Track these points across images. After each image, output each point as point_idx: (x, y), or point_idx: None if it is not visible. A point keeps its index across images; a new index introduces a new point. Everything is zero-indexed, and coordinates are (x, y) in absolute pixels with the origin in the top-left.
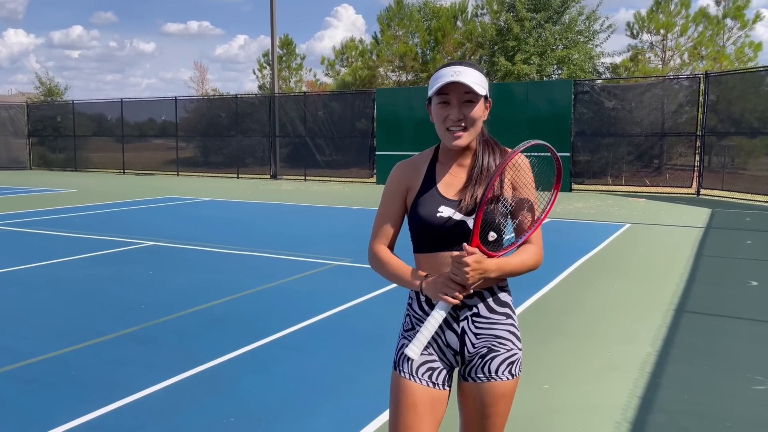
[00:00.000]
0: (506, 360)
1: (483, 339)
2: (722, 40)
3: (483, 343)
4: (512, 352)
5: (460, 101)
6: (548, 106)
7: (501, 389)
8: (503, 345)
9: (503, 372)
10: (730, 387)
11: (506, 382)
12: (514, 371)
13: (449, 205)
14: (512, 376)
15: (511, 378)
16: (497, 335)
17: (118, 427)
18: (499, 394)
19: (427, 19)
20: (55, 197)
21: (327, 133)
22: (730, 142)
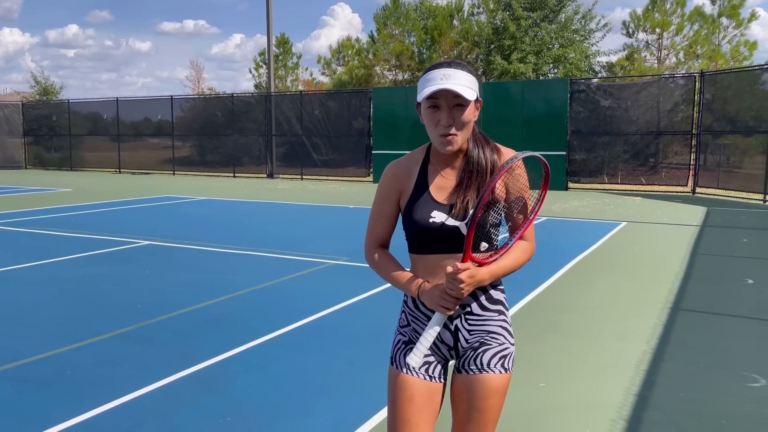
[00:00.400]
0: (498, 353)
1: (476, 334)
2: (717, 39)
3: (476, 338)
4: (504, 346)
5: (450, 105)
6: (544, 105)
7: (493, 382)
8: (495, 339)
9: (495, 365)
10: (726, 385)
11: (498, 376)
12: (506, 365)
13: (442, 210)
14: (504, 370)
15: (504, 372)
16: (489, 330)
17: (114, 427)
18: (493, 387)
19: (423, 18)
20: (50, 196)
21: (323, 132)
22: (725, 141)
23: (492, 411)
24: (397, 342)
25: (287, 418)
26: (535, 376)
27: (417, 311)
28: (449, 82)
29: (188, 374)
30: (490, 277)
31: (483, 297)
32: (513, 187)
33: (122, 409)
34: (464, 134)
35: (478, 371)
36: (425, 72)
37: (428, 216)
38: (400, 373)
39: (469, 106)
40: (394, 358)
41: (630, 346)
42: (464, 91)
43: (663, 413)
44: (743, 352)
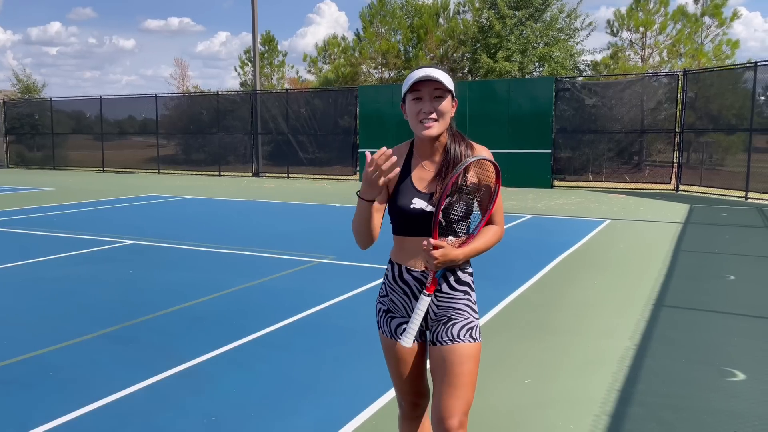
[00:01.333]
0: (465, 326)
1: (442, 309)
2: (700, 38)
3: (443, 312)
4: (469, 320)
5: (431, 96)
6: (530, 104)
7: (465, 350)
8: (461, 314)
9: (464, 335)
10: (707, 380)
11: (468, 344)
12: (474, 335)
13: (422, 197)
14: (473, 339)
15: (472, 341)
16: (455, 307)
17: (98, 428)
18: (464, 355)
19: (409, 17)
20: (33, 196)
21: (310, 130)
22: (708, 139)
23: (468, 375)
24: (378, 310)
25: (273, 417)
26: (520, 372)
27: (395, 284)
28: (431, 74)
29: (173, 374)
30: (464, 257)
31: (452, 278)
32: (483, 179)
33: (106, 409)
34: (442, 123)
35: (450, 342)
36: (409, 74)
37: (409, 202)
38: (388, 339)
39: (447, 98)
40: (379, 324)
41: (614, 342)
42: (444, 81)
43: (646, 408)
44: (724, 347)
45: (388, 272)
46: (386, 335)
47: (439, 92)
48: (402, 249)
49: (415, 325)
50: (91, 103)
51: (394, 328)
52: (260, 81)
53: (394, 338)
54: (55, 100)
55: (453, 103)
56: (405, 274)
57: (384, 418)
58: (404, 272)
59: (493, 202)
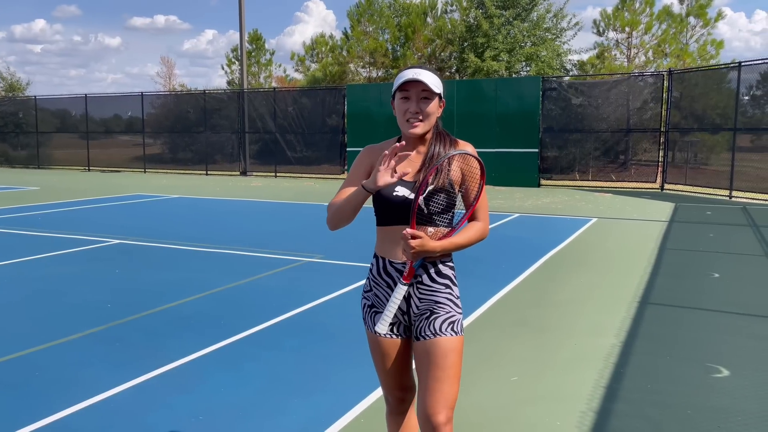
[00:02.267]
0: (447, 320)
1: (425, 303)
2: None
3: (425, 306)
4: (451, 314)
5: (419, 97)
6: (517, 103)
7: (447, 344)
8: (442, 308)
9: (446, 329)
10: (692, 376)
11: (450, 338)
12: (456, 329)
13: (405, 186)
14: (455, 333)
15: (454, 335)
16: (436, 300)
17: (84, 428)
18: (447, 348)
19: (397, 16)
20: (17, 195)
21: (297, 129)
22: (692, 138)
23: (452, 368)
24: (363, 306)
25: (261, 416)
26: (507, 370)
27: (379, 278)
28: (419, 76)
29: (160, 374)
30: (441, 250)
31: (432, 270)
32: (468, 174)
33: (92, 409)
34: (428, 123)
35: (432, 336)
36: (400, 72)
37: (392, 190)
38: (373, 334)
39: (434, 100)
40: (364, 320)
41: (600, 340)
42: (431, 85)
43: (631, 405)
44: (708, 344)
45: (372, 267)
46: (371, 330)
47: (426, 93)
48: (384, 240)
49: (390, 312)
50: (77, 101)
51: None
52: (247, 79)
53: (380, 335)
54: (39, 99)
55: (440, 103)
56: (388, 266)
57: (372, 416)
58: (387, 265)
59: (477, 198)
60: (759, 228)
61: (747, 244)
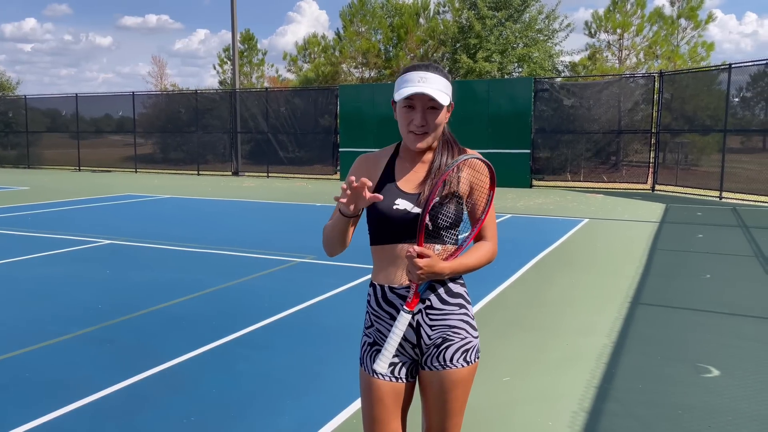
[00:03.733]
0: (460, 348)
1: (437, 330)
2: (676, 40)
3: (438, 333)
4: (466, 340)
5: (424, 107)
6: (509, 104)
7: (457, 376)
8: (457, 334)
9: (458, 360)
10: (682, 376)
11: (461, 369)
12: (469, 359)
13: (407, 198)
14: (467, 363)
15: (466, 365)
16: (451, 325)
17: (75, 429)
18: (456, 381)
19: (389, 16)
20: (6, 195)
21: (290, 129)
22: (683, 140)
23: (457, 401)
24: (363, 344)
25: (253, 417)
26: (499, 370)
27: (380, 310)
28: (425, 85)
29: (151, 375)
30: (450, 272)
31: (442, 290)
32: (477, 186)
33: (83, 410)
34: (435, 135)
35: (441, 367)
36: (403, 72)
37: (392, 203)
38: (369, 376)
39: (442, 110)
40: (362, 360)
41: (591, 340)
42: (439, 96)
43: (622, 404)
44: (699, 344)
45: (370, 298)
46: (367, 371)
47: (433, 103)
48: (382, 261)
49: (390, 347)
50: (67, 100)
51: None
52: (239, 79)
53: (377, 376)
54: (29, 98)
55: (449, 109)
56: (389, 294)
57: None
58: (387, 293)
59: (486, 211)
60: (749, 229)
61: (737, 245)
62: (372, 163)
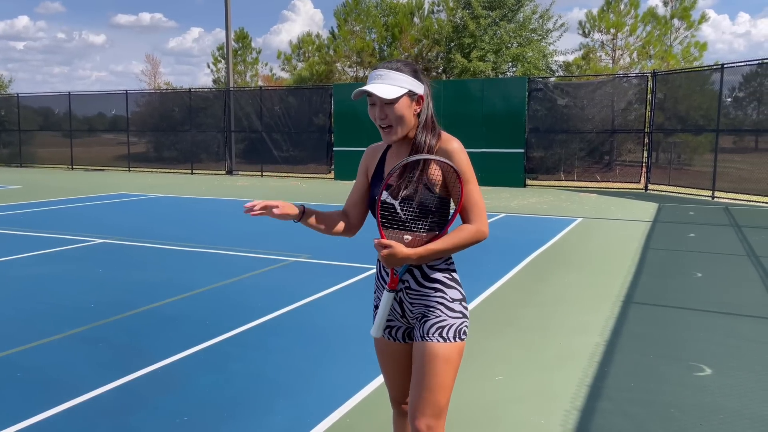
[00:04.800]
0: (435, 324)
1: (416, 307)
2: (669, 40)
3: (417, 310)
4: (440, 318)
5: (381, 102)
6: (503, 103)
7: (433, 349)
8: (433, 312)
9: (433, 334)
10: (675, 375)
11: (438, 344)
12: (444, 335)
13: (386, 188)
14: (443, 339)
15: (442, 341)
16: (427, 304)
17: (67, 429)
18: (432, 354)
19: (384, 15)
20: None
21: (284, 128)
22: (676, 139)
23: (437, 376)
24: (374, 307)
25: (246, 416)
26: (492, 369)
27: (379, 280)
28: (374, 83)
29: (144, 374)
30: (417, 257)
31: (417, 273)
32: (448, 177)
33: (75, 410)
34: (402, 126)
35: (420, 339)
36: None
37: (375, 193)
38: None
39: (400, 102)
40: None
41: (584, 339)
42: (380, 90)
43: (615, 403)
44: (691, 342)
45: (376, 268)
46: None
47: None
48: None
49: (380, 318)
50: (60, 99)
51: None
52: (233, 78)
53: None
54: (22, 96)
55: (414, 99)
56: (383, 270)
57: (358, 416)
58: (382, 268)
59: (457, 202)
60: (741, 228)
61: (729, 244)
62: (373, 152)
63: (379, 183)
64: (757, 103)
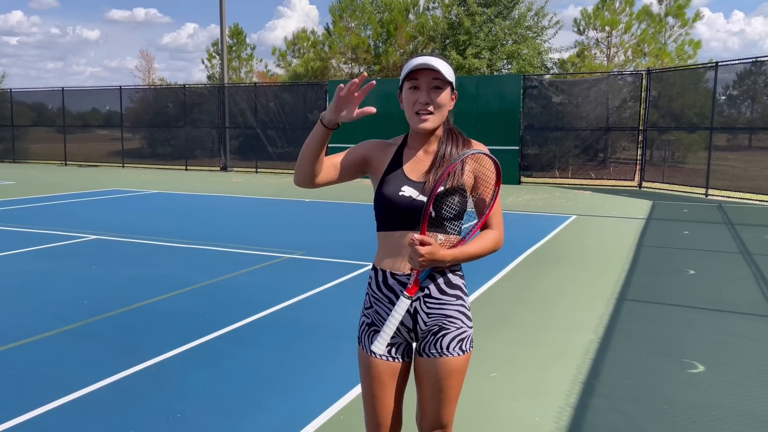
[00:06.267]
0: (456, 337)
1: (434, 318)
2: (664, 38)
3: (434, 321)
4: (461, 330)
5: (429, 86)
6: (498, 100)
7: (452, 364)
8: (453, 323)
9: (454, 348)
10: (667, 371)
11: (457, 358)
12: (464, 347)
13: (413, 186)
14: (462, 352)
15: (462, 354)
16: (447, 314)
17: (60, 426)
18: (451, 369)
19: (379, 12)
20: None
21: (278, 124)
22: (670, 137)
23: (453, 389)
24: (362, 324)
25: (240, 413)
26: (487, 365)
27: (380, 294)
28: (430, 62)
29: (137, 371)
30: (452, 260)
31: (441, 280)
32: (481, 179)
33: (68, 407)
34: (439, 116)
35: (438, 355)
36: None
37: (398, 190)
38: (367, 355)
39: (446, 90)
40: (360, 339)
41: (578, 336)
42: (443, 69)
43: (608, 400)
44: (684, 339)
45: (371, 281)
46: (365, 350)
47: (437, 83)
48: (386, 248)
49: (389, 329)
50: (53, 94)
51: None
52: (228, 74)
53: (375, 355)
54: (15, 92)
55: (453, 95)
56: (390, 279)
57: (352, 413)
58: (389, 278)
59: (491, 205)
60: (734, 226)
61: (722, 242)
62: (380, 146)
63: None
64: (751, 102)
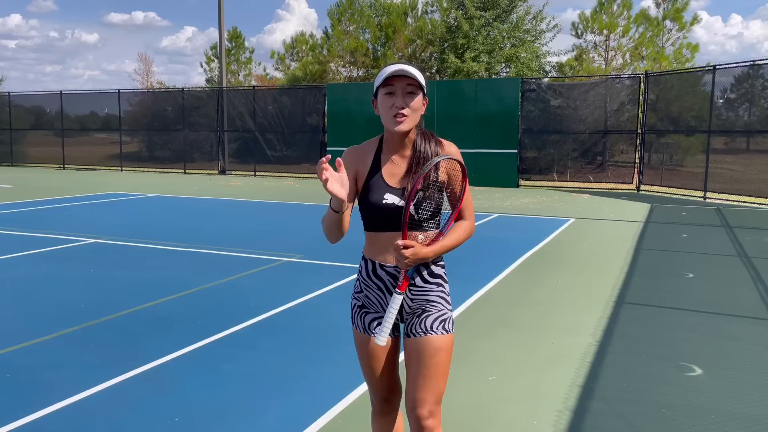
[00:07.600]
0: (438, 318)
1: (417, 302)
2: (662, 41)
3: (417, 305)
4: (442, 312)
5: (404, 92)
6: (496, 104)
7: (438, 342)
8: (434, 306)
9: (437, 327)
10: (666, 375)
11: (441, 336)
12: (446, 327)
13: (394, 192)
14: (446, 331)
15: (445, 333)
16: (429, 299)
17: (57, 430)
18: (437, 346)
19: (377, 15)
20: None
21: (277, 128)
22: (668, 140)
23: (440, 366)
24: (353, 306)
25: (238, 417)
26: (485, 369)
27: (369, 281)
28: (404, 69)
29: (135, 375)
30: (434, 255)
31: (425, 272)
32: (453, 176)
33: (66, 411)
34: (413, 119)
35: (423, 333)
36: (381, 69)
37: (382, 198)
38: (361, 334)
39: (419, 95)
40: (353, 320)
41: (577, 339)
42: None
43: (606, 403)
44: (682, 343)
45: (361, 268)
46: (360, 330)
47: (411, 88)
48: (374, 245)
49: (388, 323)
50: (52, 98)
51: (368, 324)
52: (227, 77)
53: (367, 333)
54: (13, 95)
55: (424, 101)
56: (378, 269)
57: (351, 417)
58: (378, 268)
59: (460, 199)
60: (732, 229)
61: (720, 245)
62: (360, 155)
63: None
64: (749, 105)
